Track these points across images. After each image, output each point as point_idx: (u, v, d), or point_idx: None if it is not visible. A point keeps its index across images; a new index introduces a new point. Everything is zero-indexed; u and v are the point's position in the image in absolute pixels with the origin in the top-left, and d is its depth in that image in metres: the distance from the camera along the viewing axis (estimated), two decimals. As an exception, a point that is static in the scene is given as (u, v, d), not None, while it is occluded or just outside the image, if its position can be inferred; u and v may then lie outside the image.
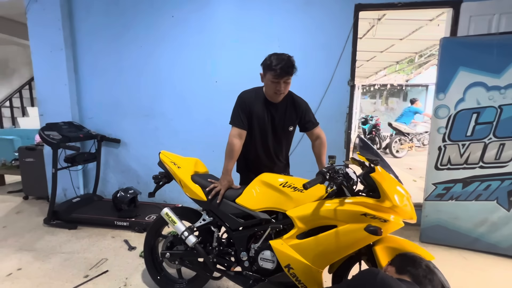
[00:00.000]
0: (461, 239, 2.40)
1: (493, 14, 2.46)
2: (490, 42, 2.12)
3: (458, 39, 2.28)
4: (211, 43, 3.02)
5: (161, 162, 1.85)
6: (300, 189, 1.45)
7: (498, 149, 2.21)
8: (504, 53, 2.09)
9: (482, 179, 2.29)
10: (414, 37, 5.75)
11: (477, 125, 2.23)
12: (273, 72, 1.53)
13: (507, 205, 2.26)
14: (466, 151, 2.29)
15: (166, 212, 1.70)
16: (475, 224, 2.37)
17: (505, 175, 2.23)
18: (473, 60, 2.17)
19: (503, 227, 2.29)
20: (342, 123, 2.92)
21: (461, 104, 2.25)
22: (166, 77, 3.16)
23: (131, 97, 3.25)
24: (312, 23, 2.84)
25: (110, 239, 2.55)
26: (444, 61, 2.25)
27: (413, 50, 7.18)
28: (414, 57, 7.50)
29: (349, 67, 2.83)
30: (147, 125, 3.26)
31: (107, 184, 3.46)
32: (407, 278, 1.06)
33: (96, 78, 3.28)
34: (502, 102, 2.15)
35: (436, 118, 2.34)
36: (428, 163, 2.45)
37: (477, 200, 2.33)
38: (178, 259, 1.72)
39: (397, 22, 4.72)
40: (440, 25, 4.75)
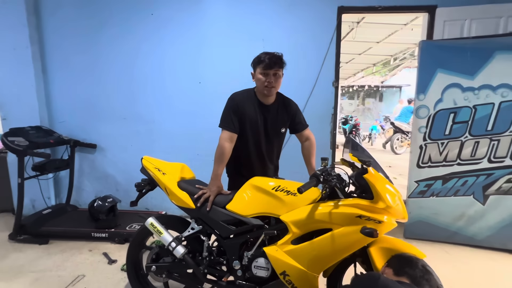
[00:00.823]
0: (441, 233, 2.51)
1: (464, 20, 2.62)
2: (464, 46, 2.24)
3: (436, 42, 2.38)
4: (194, 43, 2.92)
5: (144, 168, 1.74)
6: (294, 192, 1.41)
7: (473, 147, 2.34)
8: (477, 56, 2.22)
9: (460, 176, 2.41)
10: (390, 41, 6.02)
11: (454, 124, 2.35)
12: (263, 64, 1.54)
13: (482, 199, 2.40)
14: (445, 149, 2.40)
15: (151, 222, 1.59)
16: (454, 219, 2.48)
17: (480, 171, 2.36)
18: (449, 62, 2.28)
19: (479, 220, 2.42)
20: (328, 123, 2.95)
21: (440, 105, 2.35)
22: (146, 78, 3.00)
23: (107, 99, 3.04)
24: (297, 24, 2.84)
25: (87, 253, 2.36)
26: (424, 63, 2.35)
27: (388, 53, 7.53)
28: (390, 60, 7.87)
29: (333, 68, 2.86)
30: (126, 129, 3.07)
31: (82, 192, 3.22)
32: (406, 279, 1.06)
33: (68, 78, 3.04)
34: (476, 102, 2.28)
35: (417, 118, 2.43)
36: (411, 162, 2.53)
37: (455, 195, 2.45)
38: (166, 272, 1.61)
39: (374, 25, 4.90)
40: (414, 29, 5.01)
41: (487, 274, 2.08)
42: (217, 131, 3.08)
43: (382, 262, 1.29)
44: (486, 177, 2.35)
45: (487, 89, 2.24)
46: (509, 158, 2.28)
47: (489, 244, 2.42)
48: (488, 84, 2.23)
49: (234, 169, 1.81)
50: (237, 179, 1.77)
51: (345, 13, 2.79)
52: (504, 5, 2.53)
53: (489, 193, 2.37)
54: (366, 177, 1.29)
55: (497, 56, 2.18)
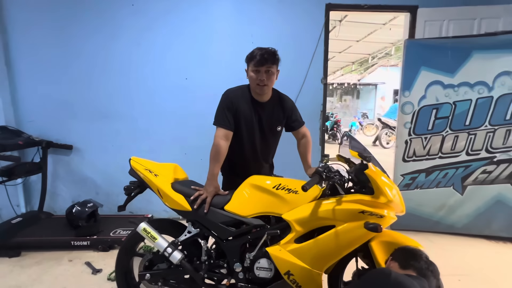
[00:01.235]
0: (424, 223, 2.64)
1: (443, 20, 2.75)
2: (445, 45, 2.36)
3: (420, 41, 2.48)
4: (179, 37, 2.79)
5: (133, 170, 1.62)
6: (295, 190, 1.39)
7: (453, 141, 2.49)
8: (457, 55, 2.34)
9: (441, 168, 2.55)
10: (369, 40, 6.24)
11: (436, 119, 2.47)
12: (254, 60, 1.48)
13: (461, 189, 2.56)
14: (428, 144, 2.53)
15: (144, 228, 1.48)
16: (436, 209, 2.63)
17: (459, 164, 2.51)
18: (432, 60, 2.39)
19: (458, 209, 2.59)
20: (317, 120, 2.97)
21: (423, 101, 2.46)
22: (127, 73, 2.81)
23: (84, 96, 2.81)
24: (285, 21, 2.81)
25: (67, 264, 2.17)
26: (408, 61, 2.44)
27: (367, 52, 7.83)
28: (368, 58, 8.19)
29: (322, 65, 2.89)
30: (106, 128, 2.86)
31: (57, 198, 2.96)
32: (412, 272, 1.08)
33: (38, 73, 2.75)
34: (455, 99, 2.42)
35: (403, 114, 2.53)
36: (396, 156, 2.63)
37: (437, 187, 2.59)
38: (161, 280, 1.51)
39: (356, 24, 5.04)
40: (392, 29, 5.23)
41: (467, 259, 2.23)
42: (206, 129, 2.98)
43: (383, 256, 1.31)
44: (464, 169, 2.51)
45: (465, 86, 2.39)
46: (484, 150, 2.45)
47: (467, 231, 2.60)
48: (466, 82, 2.38)
49: (228, 168, 1.74)
50: (232, 179, 1.71)
51: (333, 10, 2.82)
52: (477, 8, 2.70)
53: (467, 184, 2.54)
54: (367, 173, 1.29)
55: (475, 55, 2.32)
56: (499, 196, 2.48)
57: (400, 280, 0.94)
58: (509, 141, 2.39)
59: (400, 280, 0.94)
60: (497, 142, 2.41)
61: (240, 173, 1.65)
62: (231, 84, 2.85)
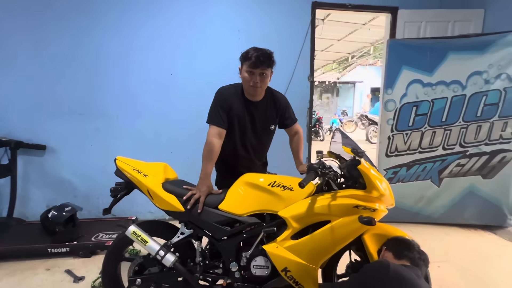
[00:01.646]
0: (405, 215, 2.79)
1: (420, 22, 2.90)
2: (424, 45, 2.49)
3: (401, 41, 2.59)
4: (165, 32, 2.68)
5: (120, 170, 1.53)
6: (290, 187, 1.39)
7: (431, 136, 2.64)
8: (435, 55, 2.48)
9: (420, 162, 2.70)
10: (349, 39, 6.43)
11: (416, 116, 2.61)
12: (248, 61, 1.45)
13: (438, 182, 2.73)
14: (408, 139, 2.66)
15: (134, 231, 1.41)
16: (415, 201, 2.78)
17: (436, 158, 2.68)
18: (413, 60, 2.50)
19: (435, 200, 2.76)
20: (304, 117, 3.00)
21: (405, 99, 2.58)
22: (107, 67, 2.65)
23: (58, 92, 2.61)
24: (272, 17, 2.81)
25: (45, 273, 2.01)
26: (391, 60, 2.54)
27: (347, 51, 8.06)
28: (348, 57, 8.44)
29: (309, 63, 2.92)
30: (84, 126, 2.69)
31: (29, 202, 2.73)
32: (406, 262, 1.13)
33: (5, 67, 2.51)
34: (433, 97, 2.56)
35: (386, 111, 2.63)
36: (380, 151, 2.74)
37: (416, 180, 2.74)
38: (153, 284, 1.45)
39: (337, 23, 5.16)
40: (372, 29, 5.42)
41: (444, 247, 2.39)
42: (192, 127, 2.92)
43: (375, 247, 1.36)
44: (441, 163, 2.68)
45: (442, 85, 2.53)
46: (458, 145, 2.63)
47: (443, 221, 2.78)
48: (443, 81, 2.52)
49: (222, 166, 1.72)
50: (226, 177, 1.69)
51: (318, 9, 2.85)
52: (451, 11, 2.88)
53: (443, 176, 2.71)
54: (360, 168, 1.32)
55: (450, 55, 2.47)
56: (471, 187, 2.68)
57: (399, 271, 0.97)
58: (480, 136, 2.59)
59: (398, 271, 0.98)
60: (470, 137, 2.60)
61: (234, 171, 1.63)
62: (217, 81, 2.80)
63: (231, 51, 2.79)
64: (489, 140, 2.57)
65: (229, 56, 2.80)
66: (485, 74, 2.47)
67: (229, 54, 2.80)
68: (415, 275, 1.03)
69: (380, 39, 6.61)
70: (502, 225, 2.67)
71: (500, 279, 1.96)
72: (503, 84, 2.46)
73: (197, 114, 2.81)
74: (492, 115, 2.53)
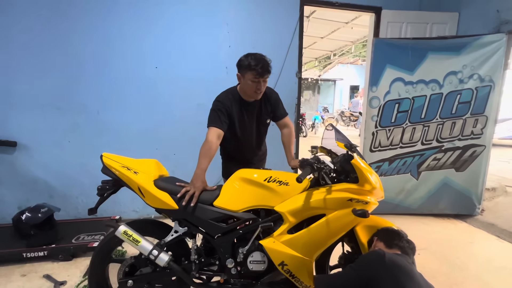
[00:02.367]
0: (387, 207, 2.93)
1: (402, 22, 3.03)
2: (406, 45, 2.60)
3: (386, 40, 2.69)
4: (149, 22, 2.55)
5: (107, 167, 1.44)
6: (286, 182, 1.40)
7: (411, 132, 2.79)
8: (416, 55, 2.61)
9: (401, 157, 2.84)
10: (332, 37, 6.56)
11: (398, 113, 2.73)
12: (254, 72, 1.53)
13: (416, 175, 2.90)
14: (391, 135, 2.79)
15: (124, 231, 1.34)
16: (396, 193, 2.94)
17: (415, 152, 2.84)
18: (396, 59, 2.61)
19: (413, 193, 2.93)
20: (292, 113, 3.03)
21: (388, 96, 2.69)
22: (86, 58, 2.48)
23: (30, 83, 2.40)
24: (261, 12, 2.78)
25: (20, 279, 1.87)
26: (376, 59, 2.63)
27: (329, 49, 8.23)
28: (330, 55, 8.63)
29: (297, 59, 2.94)
30: (60, 121, 2.50)
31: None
32: (397, 251, 1.19)
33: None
34: (414, 94, 2.70)
35: (370, 108, 2.73)
36: (364, 146, 2.85)
37: (398, 174, 2.89)
38: (146, 284, 1.40)
39: (321, 21, 5.24)
40: (354, 28, 5.57)
41: (422, 235, 2.55)
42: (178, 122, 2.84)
43: (366, 239, 1.42)
44: (419, 157, 2.84)
45: (422, 83, 2.68)
46: (435, 140, 2.80)
47: (420, 211, 2.96)
48: (422, 79, 2.67)
49: (228, 156, 1.86)
50: (231, 164, 1.81)
51: (307, 5, 2.88)
52: (430, 13, 3.04)
53: (421, 170, 2.88)
54: (354, 163, 1.36)
55: (430, 55, 2.61)
56: (445, 180, 2.87)
57: (394, 260, 1.02)
58: (454, 132, 2.78)
59: (394, 259, 1.02)
60: (445, 133, 2.78)
61: (239, 160, 1.80)
62: (205, 74, 2.76)
63: (219, 44, 2.74)
64: (462, 135, 2.77)
65: (217, 49, 2.75)
66: (459, 74, 2.64)
67: (217, 48, 2.75)
68: (407, 263, 1.09)
69: (361, 38, 6.82)
70: (471, 214, 2.91)
71: (472, 263, 2.14)
72: (475, 84, 2.65)
73: (184, 110, 2.76)
74: (465, 112, 2.72)
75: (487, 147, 2.78)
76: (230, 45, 2.74)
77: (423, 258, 2.16)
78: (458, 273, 2.01)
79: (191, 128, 2.70)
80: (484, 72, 2.62)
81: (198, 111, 2.73)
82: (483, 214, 2.94)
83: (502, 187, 3.46)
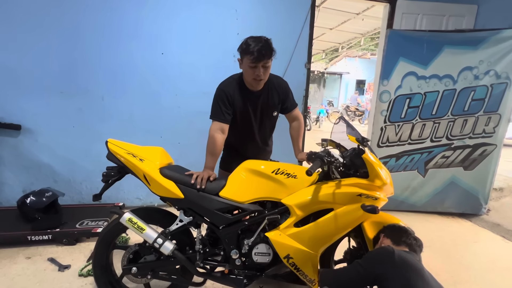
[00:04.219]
0: (391, 203, 2.86)
1: (417, 14, 2.91)
2: (422, 38, 2.50)
3: (401, 32, 2.58)
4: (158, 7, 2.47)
5: (112, 154, 1.42)
6: (294, 175, 1.37)
7: (421, 129, 2.72)
8: (431, 48, 2.51)
9: (409, 153, 2.79)
10: (342, 28, 6.38)
11: (409, 108, 2.66)
12: (250, 55, 1.40)
13: (423, 172, 2.85)
14: (399, 131, 2.73)
15: (129, 218, 1.33)
16: (401, 190, 2.90)
17: (424, 149, 2.78)
18: (410, 52, 2.52)
19: (419, 190, 2.89)
20: (300, 105, 2.95)
21: (399, 90, 2.62)
22: (91, 42, 2.42)
23: (38, 66, 2.36)
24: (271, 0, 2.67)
25: (25, 261, 1.88)
26: (389, 51, 2.54)
27: (338, 41, 8.03)
28: (338, 47, 8.42)
29: (306, 49, 2.85)
30: (65, 105, 2.47)
31: (3, 187, 2.52)
32: (405, 248, 1.16)
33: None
34: (426, 90, 2.62)
35: (380, 102, 2.66)
36: (371, 142, 2.79)
37: (404, 170, 2.84)
38: (150, 272, 1.40)
39: (331, 11, 5.07)
40: (365, 19, 5.40)
41: (426, 233, 2.52)
42: (185, 110, 2.80)
43: (372, 234, 1.39)
44: (427, 154, 2.79)
45: (435, 78, 2.59)
46: (445, 138, 2.74)
47: (424, 209, 2.93)
48: (436, 74, 2.58)
49: (230, 150, 1.73)
50: (231, 158, 1.69)
51: (319, -7, 2.76)
52: (447, 5, 2.91)
53: (429, 167, 2.83)
54: (365, 157, 1.32)
55: (446, 49, 2.51)
56: (453, 178, 2.83)
57: (403, 257, 1.00)
58: (465, 130, 2.71)
59: (403, 256, 1.00)
60: (456, 130, 2.71)
61: (241, 156, 1.65)
62: (212, 61, 2.70)
63: (227, 31, 2.66)
64: (473, 134, 2.70)
65: (225, 36, 2.67)
66: (475, 69, 2.55)
67: (225, 34, 2.67)
68: (416, 261, 1.07)
69: (371, 31, 6.63)
70: (477, 213, 2.88)
71: (476, 262, 2.12)
72: (490, 81, 2.56)
73: (190, 97, 2.70)
74: (478, 110, 2.64)
75: (498, 147, 2.71)
76: (239, 33, 2.65)
77: (426, 256, 2.11)
78: (462, 272, 1.99)
79: (197, 117, 2.67)
80: (501, 69, 2.52)
81: (204, 100, 2.63)
82: (489, 214, 2.91)
83: (510, 188, 3.40)
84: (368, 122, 3.15)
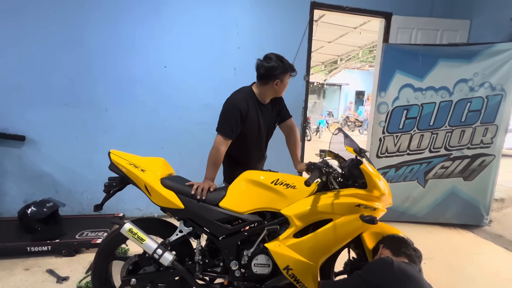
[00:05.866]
0: (392, 214, 2.88)
1: (412, 28, 3.01)
2: (417, 51, 2.58)
3: (396, 46, 2.67)
4: (159, 21, 2.56)
5: (114, 164, 1.45)
6: (293, 185, 1.39)
7: (419, 139, 2.75)
8: (426, 61, 2.58)
9: (408, 164, 2.81)
10: (340, 42, 6.54)
11: (406, 119, 2.70)
12: (292, 70, 1.58)
13: (423, 183, 2.85)
14: (398, 141, 2.76)
15: (130, 228, 1.34)
16: (402, 201, 2.89)
17: (423, 160, 2.80)
18: (406, 65, 2.59)
19: (420, 201, 2.88)
20: (299, 117, 3.02)
21: (396, 102, 2.67)
22: (95, 55, 2.50)
23: (41, 79, 2.43)
24: (270, 16, 2.79)
25: (24, 273, 1.87)
26: (385, 64, 2.61)
27: (336, 53, 8.21)
28: (337, 60, 8.60)
29: (305, 62, 2.93)
30: (69, 117, 2.52)
31: (5, 197, 2.54)
32: (404, 259, 1.16)
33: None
34: (423, 101, 2.67)
35: (378, 113, 2.70)
36: (370, 152, 2.82)
37: (404, 181, 2.85)
38: (149, 283, 1.39)
39: (330, 25, 5.23)
40: (362, 33, 5.55)
41: (428, 244, 2.50)
42: (186, 121, 2.84)
43: (372, 245, 1.39)
44: (427, 165, 2.80)
45: (431, 90, 2.65)
46: (443, 148, 2.76)
47: (426, 220, 2.91)
48: (432, 86, 2.64)
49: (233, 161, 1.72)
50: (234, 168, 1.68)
51: (317, 9, 2.87)
52: (441, 20, 3.01)
53: (428, 178, 2.84)
54: (363, 168, 1.35)
55: (440, 62, 2.58)
56: (453, 188, 2.83)
57: (403, 268, 1.00)
58: (463, 140, 2.73)
59: (402, 267, 1.00)
60: (454, 141, 2.74)
61: (246, 164, 1.67)
62: (213, 75, 2.76)
63: (227, 45, 2.75)
64: (471, 144, 2.73)
65: (226, 50, 2.76)
66: (470, 81, 2.61)
67: (226, 48, 2.76)
68: (416, 272, 1.07)
69: (369, 44, 6.79)
70: (479, 225, 2.85)
71: (479, 274, 2.09)
72: (486, 92, 2.62)
73: (191, 109, 2.76)
74: (475, 121, 2.68)
75: (496, 157, 2.73)
76: (239, 47, 2.75)
77: (429, 268, 2.12)
78: (465, 285, 1.96)
79: (198, 128, 2.71)
80: (496, 81, 2.58)
81: (205, 112, 2.74)
82: (490, 225, 2.89)
83: (511, 198, 3.39)
84: (367, 132, 3.19)
